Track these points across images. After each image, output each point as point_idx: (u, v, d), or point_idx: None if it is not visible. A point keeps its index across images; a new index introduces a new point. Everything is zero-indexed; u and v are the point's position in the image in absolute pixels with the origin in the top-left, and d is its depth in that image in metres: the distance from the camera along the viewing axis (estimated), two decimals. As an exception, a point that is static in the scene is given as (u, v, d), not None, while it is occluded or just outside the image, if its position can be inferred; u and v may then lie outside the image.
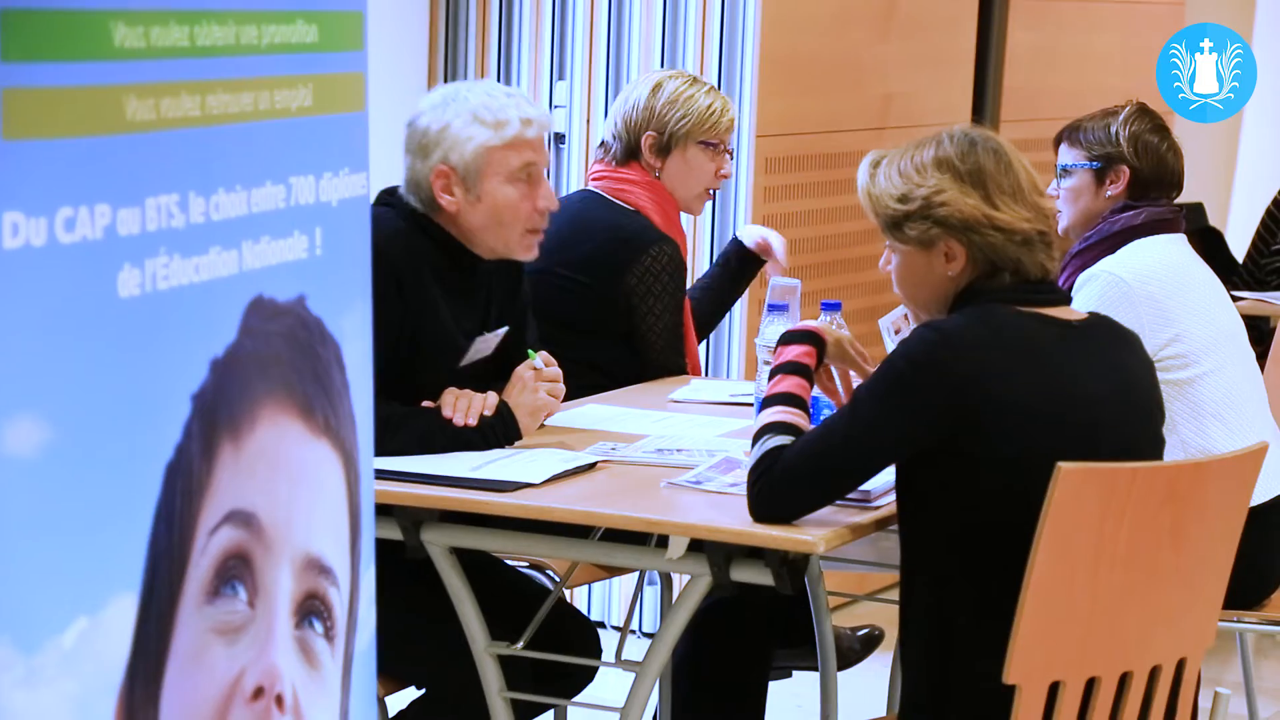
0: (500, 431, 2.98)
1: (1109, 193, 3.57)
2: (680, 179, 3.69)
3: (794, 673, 3.72)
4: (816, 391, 3.10)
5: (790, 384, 2.69)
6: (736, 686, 3.46)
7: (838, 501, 2.64)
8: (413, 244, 3.03)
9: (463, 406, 2.96)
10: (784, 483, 2.56)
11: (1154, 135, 3.57)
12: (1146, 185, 3.56)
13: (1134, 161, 3.55)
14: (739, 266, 3.92)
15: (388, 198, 3.10)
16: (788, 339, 2.77)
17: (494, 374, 3.12)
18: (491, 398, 3.00)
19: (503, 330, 3.15)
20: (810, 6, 4.79)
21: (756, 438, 2.62)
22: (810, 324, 2.81)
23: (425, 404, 2.98)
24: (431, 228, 3.05)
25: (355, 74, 1.95)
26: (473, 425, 2.96)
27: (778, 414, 2.63)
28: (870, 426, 2.52)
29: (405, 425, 2.90)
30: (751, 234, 3.92)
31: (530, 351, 3.08)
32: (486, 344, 3.13)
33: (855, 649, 3.72)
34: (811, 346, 2.74)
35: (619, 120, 3.70)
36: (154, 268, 1.63)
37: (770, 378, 2.73)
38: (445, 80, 4.89)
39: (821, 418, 3.07)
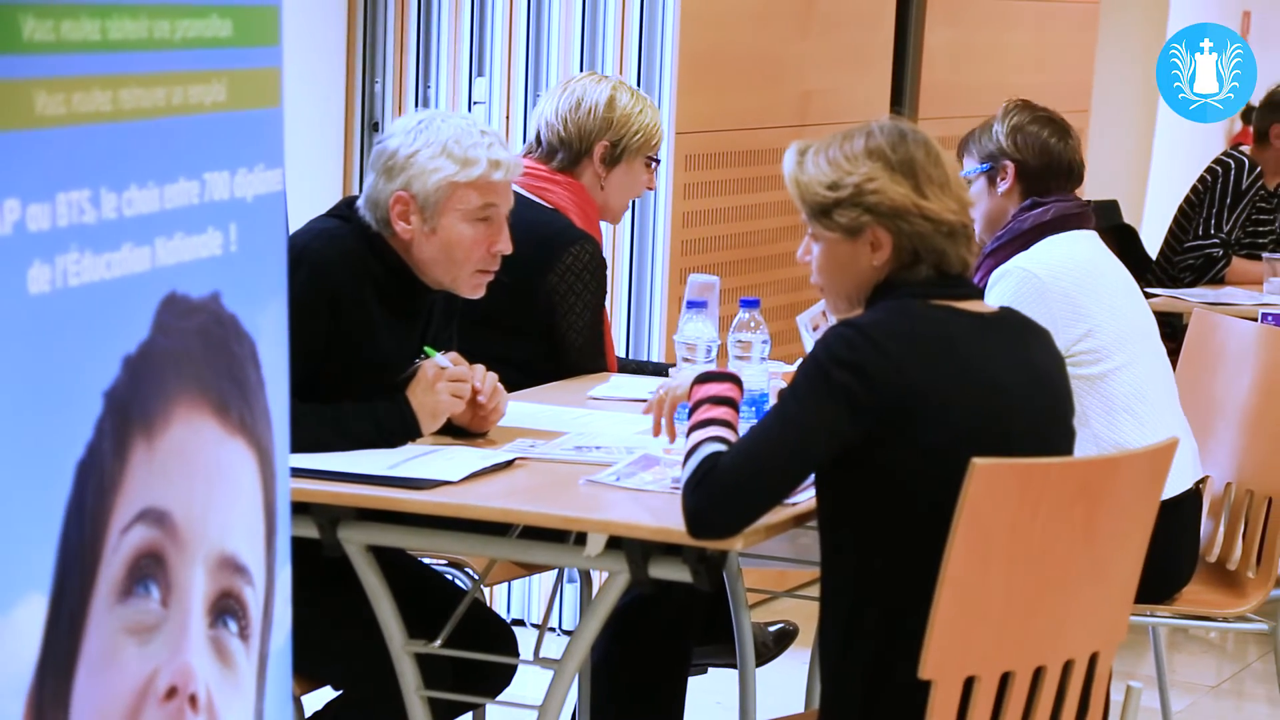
0: (399, 430, 2.96)
1: (1001, 189, 3.61)
2: (621, 190, 3.71)
3: (710, 669, 3.72)
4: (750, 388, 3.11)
5: (720, 412, 2.66)
6: (655, 684, 3.46)
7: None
8: (360, 265, 3.00)
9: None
10: (720, 492, 2.53)
11: (1034, 125, 3.59)
12: (1036, 177, 3.58)
13: (1015, 155, 3.58)
14: None
15: (345, 209, 3.08)
16: (704, 378, 2.73)
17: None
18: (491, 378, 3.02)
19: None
20: (729, 3, 4.81)
21: (687, 457, 2.59)
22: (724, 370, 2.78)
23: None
24: (384, 250, 3.02)
25: (271, 69, 1.93)
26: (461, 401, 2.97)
27: (709, 431, 2.61)
28: (798, 426, 2.52)
29: (301, 423, 2.87)
30: None
31: (428, 350, 3.06)
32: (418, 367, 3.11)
33: (769, 645, 3.74)
34: (734, 384, 2.73)
35: (570, 124, 3.66)
36: (65, 264, 1.62)
37: (693, 411, 2.69)
38: (364, 77, 4.87)
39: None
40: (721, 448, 2.57)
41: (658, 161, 3.75)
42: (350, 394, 2.96)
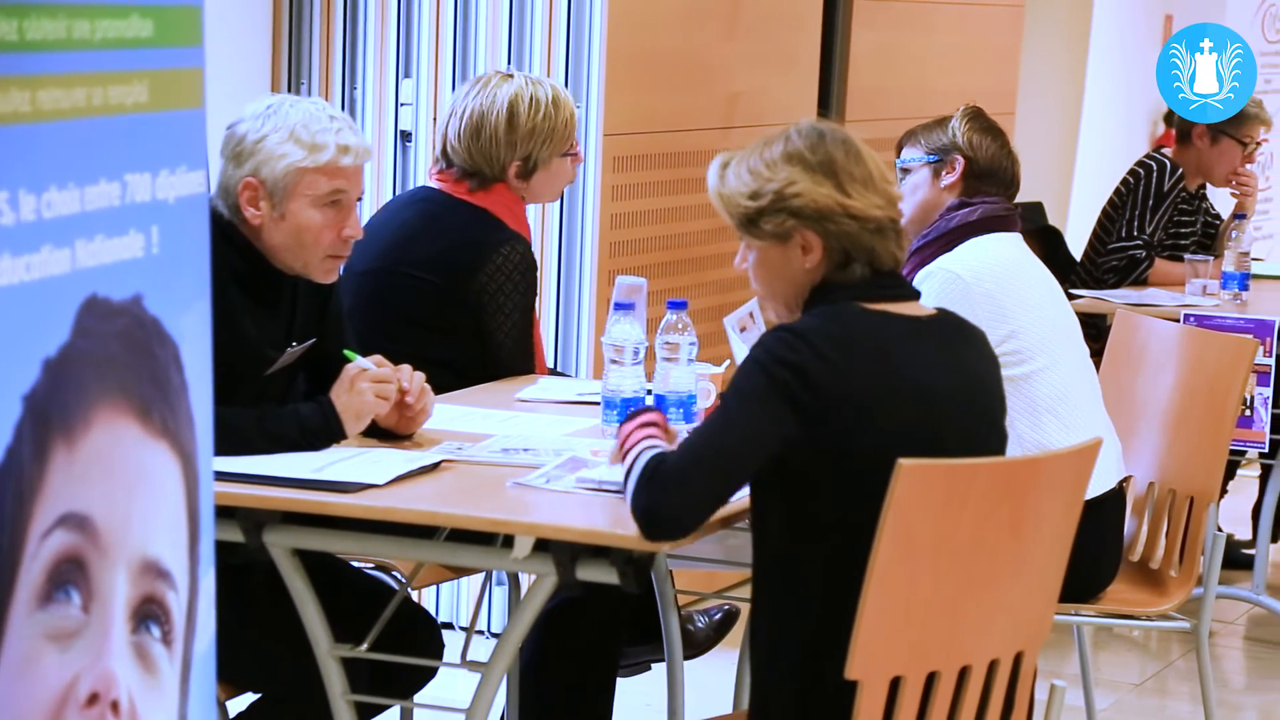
0: (323, 432, 2.95)
1: (944, 182, 3.67)
2: (545, 190, 3.69)
3: (652, 666, 3.72)
4: (666, 390, 3.11)
5: (649, 430, 2.64)
6: (584, 685, 3.46)
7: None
8: (216, 254, 2.97)
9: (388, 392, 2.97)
10: (673, 487, 2.51)
11: (987, 134, 3.69)
12: (980, 176, 3.65)
13: (968, 151, 3.66)
14: None
15: None
16: (627, 419, 2.70)
17: (289, 385, 3.08)
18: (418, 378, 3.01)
19: (309, 343, 3.12)
20: (656, 5, 4.81)
21: (627, 472, 2.57)
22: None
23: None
24: (236, 236, 3.01)
25: (193, 69, 1.92)
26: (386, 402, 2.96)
27: (643, 445, 2.59)
28: (742, 422, 2.51)
29: (222, 426, 2.85)
30: None
31: (348, 352, 3.04)
32: (292, 355, 3.09)
33: (710, 634, 3.74)
34: (653, 411, 2.72)
35: (475, 153, 3.60)
36: (-17, 266, 1.60)
37: (622, 445, 2.64)
38: (289, 78, 4.84)
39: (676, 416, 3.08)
40: (664, 446, 2.57)
41: (577, 153, 3.72)
42: (219, 385, 2.92)
